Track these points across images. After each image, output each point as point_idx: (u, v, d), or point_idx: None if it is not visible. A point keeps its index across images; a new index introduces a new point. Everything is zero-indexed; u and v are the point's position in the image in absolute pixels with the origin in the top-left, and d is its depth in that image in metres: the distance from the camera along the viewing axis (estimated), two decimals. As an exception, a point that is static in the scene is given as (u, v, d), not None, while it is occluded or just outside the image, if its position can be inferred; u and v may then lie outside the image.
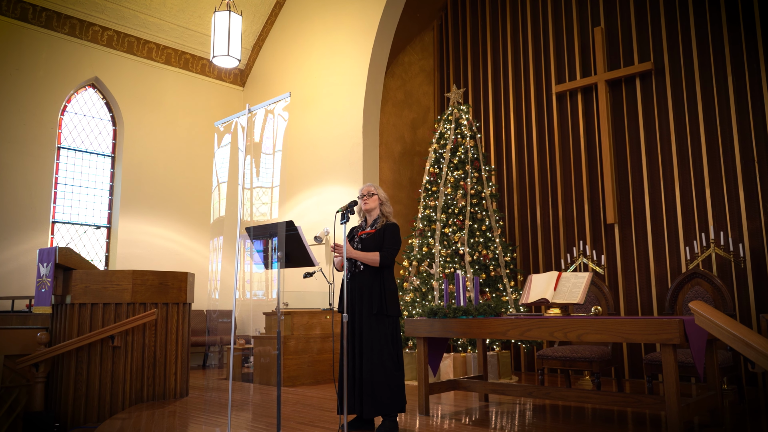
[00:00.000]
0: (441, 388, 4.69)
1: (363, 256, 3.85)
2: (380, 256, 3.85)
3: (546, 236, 7.70)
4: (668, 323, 3.33)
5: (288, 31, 9.47)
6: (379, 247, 3.89)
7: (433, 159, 7.38)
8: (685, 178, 6.63)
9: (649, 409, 3.93)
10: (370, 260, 3.85)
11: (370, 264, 3.86)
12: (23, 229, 7.63)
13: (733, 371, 4.62)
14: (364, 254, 3.86)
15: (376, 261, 3.85)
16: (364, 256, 3.86)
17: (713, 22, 6.60)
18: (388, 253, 3.88)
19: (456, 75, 9.03)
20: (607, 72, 7.25)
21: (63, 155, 8.32)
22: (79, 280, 5.14)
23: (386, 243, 3.90)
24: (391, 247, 3.90)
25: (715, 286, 4.86)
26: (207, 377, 7.37)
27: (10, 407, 4.71)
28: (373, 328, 3.79)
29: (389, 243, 3.90)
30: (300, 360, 6.49)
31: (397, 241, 3.94)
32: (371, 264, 3.86)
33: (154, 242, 8.82)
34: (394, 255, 3.93)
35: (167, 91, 9.27)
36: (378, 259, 3.84)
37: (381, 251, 3.87)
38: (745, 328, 2.64)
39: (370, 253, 3.86)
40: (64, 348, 4.88)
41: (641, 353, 6.57)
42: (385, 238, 3.91)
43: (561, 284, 4.34)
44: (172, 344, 5.39)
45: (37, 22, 7.94)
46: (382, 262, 3.86)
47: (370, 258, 3.85)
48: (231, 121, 4.43)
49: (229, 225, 6.27)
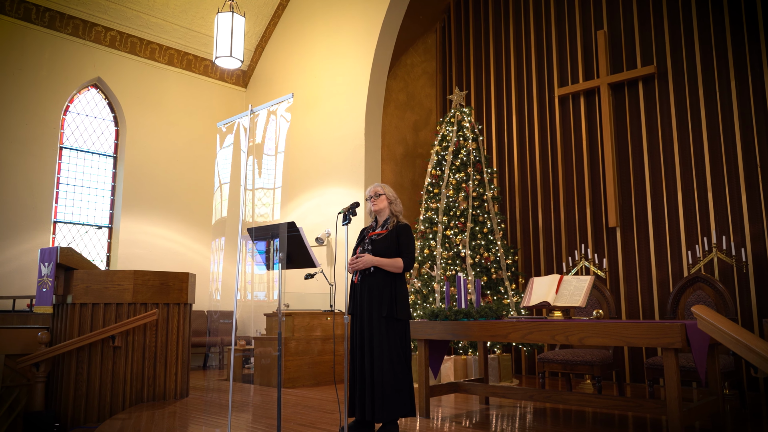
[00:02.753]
0: (442, 390, 4.68)
1: (387, 263, 3.80)
2: (403, 262, 3.83)
3: (548, 239, 7.69)
4: (670, 327, 3.32)
5: (291, 32, 9.48)
6: (391, 248, 3.85)
7: (435, 161, 7.38)
8: (688, 182, 6.62)
9: (650, 413, 3.92)
10: (393, 266, 3.81)
11: (393, 270, 3.83)
12: (25, 228, 7.63)
13: (734, 376, 4.61)
14: (388, 261, 3.81)
15: (399, 267, 3.82)
16: (389, 263, 3.81)
17: (716, 25, 6.60)
18: (411, 258, 3.86)
19: (458, 77, 9.04)
20: (609, 75, 7.25)
21: (65, 155, 8.33)
22: (80, 280, 5.14)
23: (404, 248, 3.86)
24: (410, 252, 3.88)
25: (717, 291, 4.85)
26: (207, 378, 7.36)
27: (11, 407, 4.70)
28: (384, 331, 3.75)
29: (407, 248, 3.87)
30: (300, 361, 6.48)
31: (413, 243, 3.93)
32: (395, 270, 3.83)
33: (156, 243, 8.82)
34: (414, 258, 3.93)
35: (170, 92, 9.28)
36: (401, 264, 3.82)
37: (402, 256, 3.84)
38: (749, 332, 2.63)
39: (392, 260, 3.82)
40: (64, 348, 4.88)
41: (642, 357, 6.55)
42: (401, 243, 3.87)
43: (563, 287, 4.34)
44: (173, 345, 5.39)
45: (40, 22, 7.95)
46: (406, 267, 3.84)
47: (394, 264, 3.81)
48: (233, 121, 4.43)
49: (230, 226, 6.28)
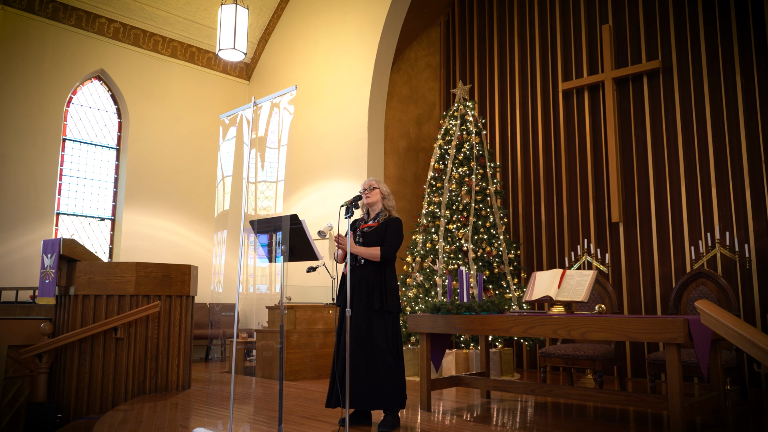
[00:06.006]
0: (443, 384, 4.68)
1: (363, 251, 3.84)
2: (381, 250, 3.83)
3: (550, 234, 7.68)
4: (673, 322, 3.32)
5: (294, 25, 9.45)
6: (380, 241, 3.87)
7: (438, 155, 7.36)
8: (691, 178, 6.60)
9: (652, 408, 3.92)
10: (370, 255, 3.83)
11: (370, 259, 3.84)
12: (28, 220, 7.65)
13: (736, 371, 4.60)
14: (365, 249, 3.84)
15: (376, 256, 3.82)
16: (365, 251, 3.84)
17: (722, 20, 6.55)
18: (389, 248, 3.85)
19: (462, 71, 9.00)
20: (614, 70, 7.21)
21: (68, 147, 8.33)
22: (83, 272, 5.15)
23: (387, 237, 3.87)
24: (392, 242, 3.87)
25: (719, 286, 4.84)
26: (209, 370, 7.39)
27: (14, 397, 4.72)
28: (374, 323, 3.78)
29: (390, 237, 3.88)
30: (302, 354, 6.49)
31: (398, 236, 3.91)
32: (372, 258, 3.84)
33: (158, 235, 8.83)
34: (395, 250, 3.91)
35: (173, 84, 9.27)
36: (378, 253, 3.82)
37: (382, 246, 3.85)
38: (752, 327, 2.62)
39: (370, 248, 3.84)
40: (67, 339, 4.89)
41: (644, 352, 6.55)
42: (387, 233, 3.89)
43: (565, 282, 4.33)
44: (175, 337, 5.40)
45: (43, 14, 7.94)
46: (383, 256, 3.83)
47: (371, 253, 3.83)
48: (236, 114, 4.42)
49: (233, 219, 6.28)
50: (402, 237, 3.96)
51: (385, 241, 3.86)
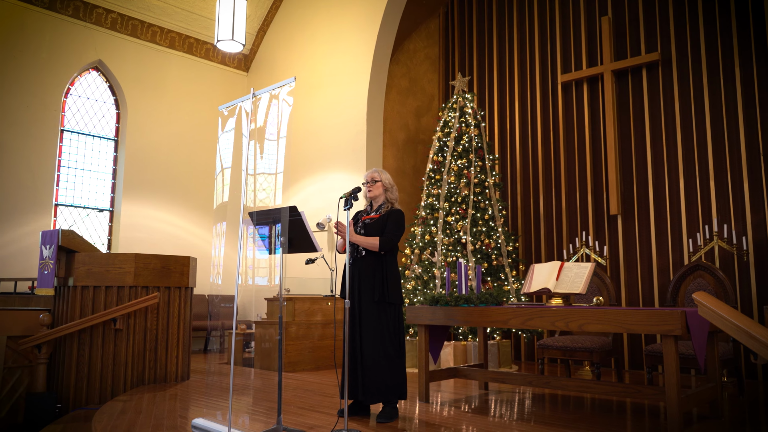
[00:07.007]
0: (441, 375, 4.70)
1: (363, 241, 3.83)
2: (380, 240, 3.82)
3: (549, 226, 7.68)
4: (670, 314, 3.33)
5: (293, 16, 9.41)
6: (381, 232, 3.87)
7: (437, 147, 7.36)
8: (690, 170, 6.60)
9: (649, 399, 3.94)
10: (369, 244, 3.83)
11: (369, 248, 3.84)
12: (26, 211, 7.64)
13: (733, 363, 4.62)
14: (364, 238, 3.84)
15: (375, 245, 3.82)
16: (364, 240, 3.84)
17: (722, 12, 6.54)
18: (388, 239, 3.84)
19: (461, 63, 8.98)
20: (613, 62, 7.20)
21: (66, 138, 8.31)
22: (81, 263, 5.15)
23: (388, 228, 3.87)
24: (392, 233, 3.86)
25: (717, 279, 4.85)
26: (208, 361, 7.41)
27: (12, 388, 4.74)
28: (375, 315, 3.79)
29: (391, 228, 3.87)
30: (301, 345, 6.51)
31: (399, 227, 3.91)
32: (371, 248, 3.83)
33: (157, 226, 8.83)
34: (395, 241, 3.90)
35: (171, 75, 9.23)
36: (377, 243, 3.82)
37: (381, 236, 3.85)
38: (750, 319, 2.63)
39: (369, 238, 3.84)
40: (66, 330, 4.90)
41: (642, 344, 6.58)
42: (388, 224, 3.89)
43: (563, 274, 4.34)
44: (174, 328, 5.41)
45: (40, 4, 7.89)
46: (382, 246, 3.82)
47: (370, 242, 3.82)
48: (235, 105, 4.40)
49: (232, 210, 6.27)
50: (403, 229, 3.95)
51: (384, 231, 3.87)
